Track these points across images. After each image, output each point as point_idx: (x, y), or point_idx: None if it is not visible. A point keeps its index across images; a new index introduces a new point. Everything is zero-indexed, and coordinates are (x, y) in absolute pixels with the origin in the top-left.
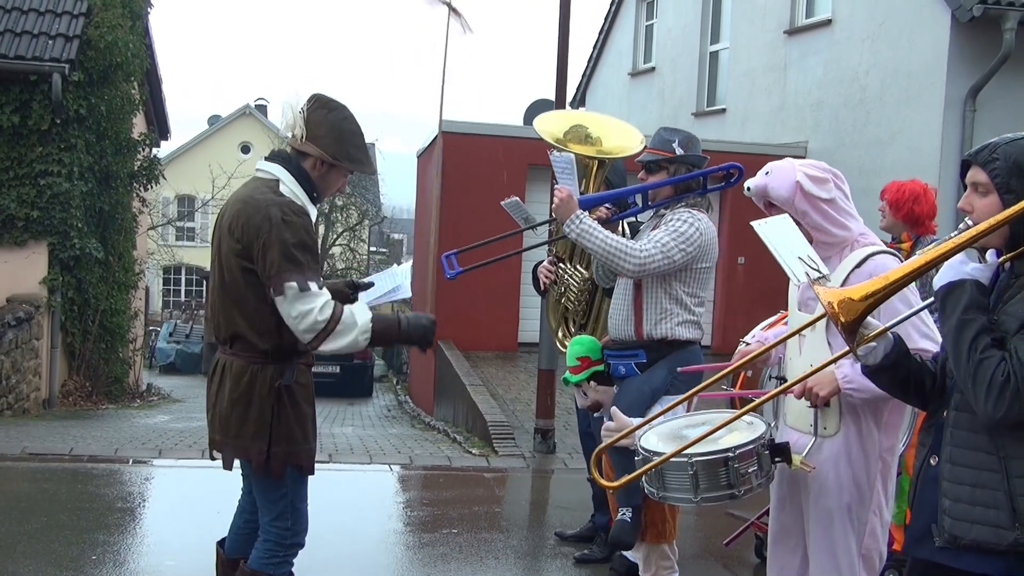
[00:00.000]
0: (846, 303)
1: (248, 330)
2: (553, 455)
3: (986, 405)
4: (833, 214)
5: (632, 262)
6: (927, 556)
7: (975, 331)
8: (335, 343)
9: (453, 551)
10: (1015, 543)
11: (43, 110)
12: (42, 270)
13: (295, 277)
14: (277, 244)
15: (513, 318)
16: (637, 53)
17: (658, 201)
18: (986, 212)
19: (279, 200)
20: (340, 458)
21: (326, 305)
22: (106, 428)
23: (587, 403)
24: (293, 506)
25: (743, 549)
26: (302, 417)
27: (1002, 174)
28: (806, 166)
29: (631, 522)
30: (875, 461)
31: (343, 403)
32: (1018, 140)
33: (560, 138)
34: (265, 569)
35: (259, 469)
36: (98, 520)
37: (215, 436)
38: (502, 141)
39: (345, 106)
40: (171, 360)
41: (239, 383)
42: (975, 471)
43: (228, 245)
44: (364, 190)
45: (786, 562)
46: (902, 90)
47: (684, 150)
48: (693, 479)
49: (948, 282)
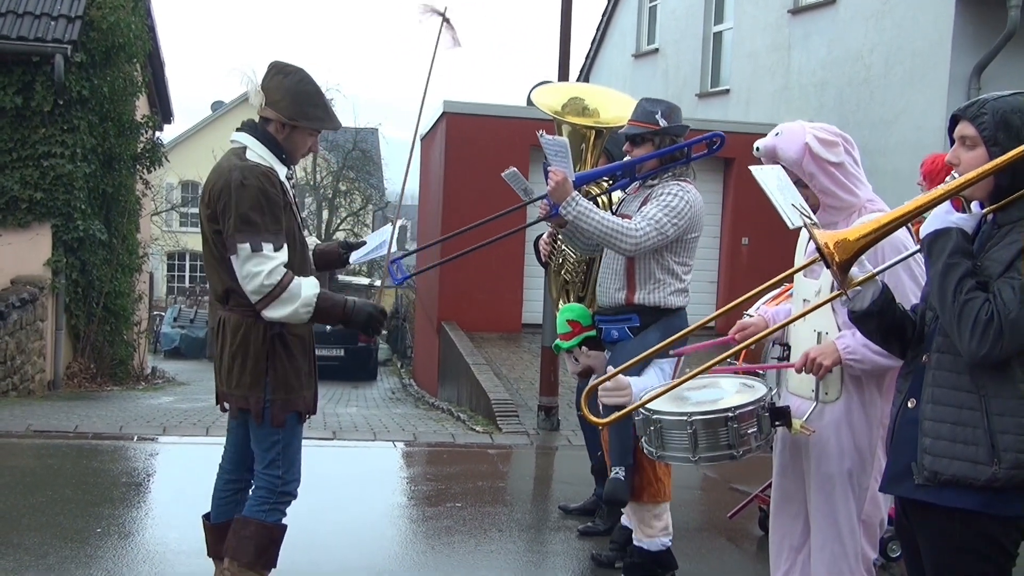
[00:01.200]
0: (842, 243)
1: (236, 287)
2: (557, 432)
3: (971, 344)
4: (841, 178)
5: (628, 242)
6: (905, 494)
7: (960, 274)
8: (277, 310)
9: (457, 524)
10: (993, 477)
11: (46, 91)
12: (46, 252)
13: (248, 238)
14: (234, 206)
15: (517, 299)
16: (641, 34)
17: (644, 172)
18: (972, 164)
19: (242, 165)
20: (344, 435)
21: (275, 270)
22: (111, 408)
23: (578, 369)
24: (286, 455)
25: (747, 522)
26: (298, 366)
27: (989, 127)
28: (816, 128)
29: (624, 480)
30: (876, 427)
31: (347, 386)
32: (1005, 96)
33: (559, 110)
34: (256, 516)
35: (257, 417)
36: (103, 494)
37: (220, 388)
38: (505, 122)
39: (301, 69)
40: (176, 345)
41: (236, 336)
42: (956, 410)
43: (204, 212)
44: (368, 175)
45: (788, 529)
46: (906, 69)
47: (667, 121)
48: (692, 438)
49: (934, 230)
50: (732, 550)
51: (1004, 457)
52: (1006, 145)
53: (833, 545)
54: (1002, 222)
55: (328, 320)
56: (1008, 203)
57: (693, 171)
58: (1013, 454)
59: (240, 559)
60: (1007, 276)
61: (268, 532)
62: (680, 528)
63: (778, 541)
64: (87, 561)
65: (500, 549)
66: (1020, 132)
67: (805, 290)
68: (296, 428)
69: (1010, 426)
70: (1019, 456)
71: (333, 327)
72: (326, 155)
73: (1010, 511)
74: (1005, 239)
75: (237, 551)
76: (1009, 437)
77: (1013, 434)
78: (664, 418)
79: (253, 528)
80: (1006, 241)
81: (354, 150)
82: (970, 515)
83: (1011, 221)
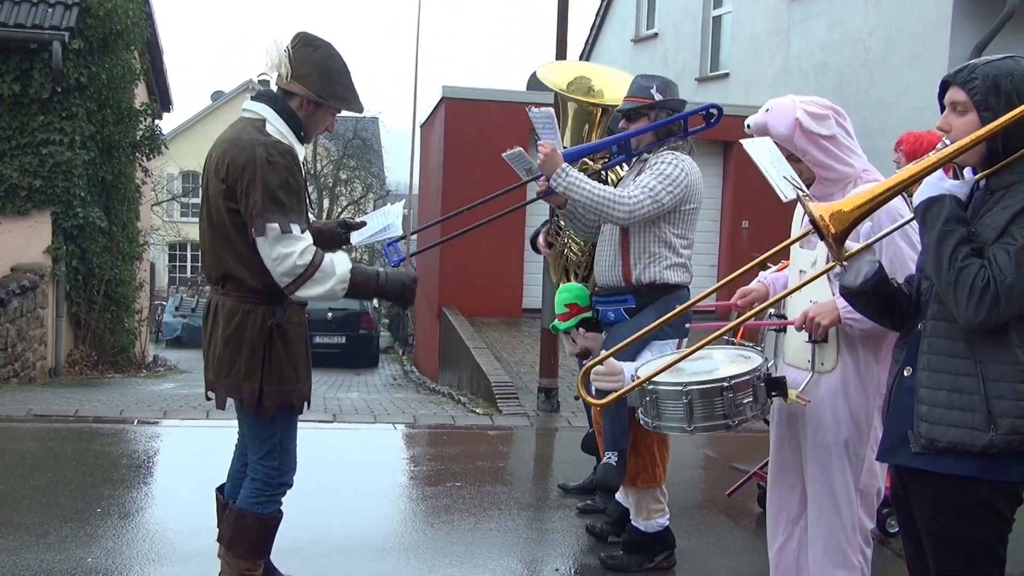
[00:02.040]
0: (837, 214)
1: (238, 270)
2: (557, 414)
3: (967, 310)
4: (835, 151)
5: (621, 210)
6: (902, 463)
7: (955, 241)
8: (312, 289)
9: (456, 503)
10: (989, 443)
11: (44, 79)
12: (46, 239)
13: (277, 218)
14: (260, 185)
15: (517, 284)
16: (640, 19)
17: (641, 148)
18: (964, 130)
19: (265, 140)
20: (344, 418)
21: (307, 250)
22: (112, 394)
23: (576, 350)
24: (282, 446)
25: (746, 499)
26: (294, 357)
27: (980, 92)
28: (806, 103)
29: (616, 465)
30: (873, 397)
31: (349, 373)
32: (995, 61)
33: (564, 88)
34: (252, 509)
35: (251, 408)
36: (103, 476)
37: (208, 376)
38: (504, 106)
39: (330, 44)
40: (178, 334)
41: (231, 322)
42: (952, 376)
43: (215, 186)
44: (368, 163)
45: (785, 501)
46: (906, 50)
47: (663, 95)
48: (688, 408)
49: (928, 197)
50: (731, 526)
51: (1000, 423)
52: (997, 110)
53: (830, 516)
54: (995, 187)
55: (362, 294)
56: (1000, 168)
57: (691, 145)
58: (1009, 420)
59: (235, 551)
60: (1002, 241)
61: (263, 524)
62: (680, 506)
63: (775, 513)
64: (87, 540)
65: (499, 527)
66: (1011, 96)
67: (802, 261)
68: (291, 419)
69: (1006, 392)
70: (1015, 422)
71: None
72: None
73: (1007, 477)
74: (999, 204)
75: (232, 543)
76: (1005, 403)
77: (1009, 400)
78: (660, 388)
79: (248, 521)
80: (1000, 206)
81: (354, 139)
82: (967, 482)
83: (1004, 186)
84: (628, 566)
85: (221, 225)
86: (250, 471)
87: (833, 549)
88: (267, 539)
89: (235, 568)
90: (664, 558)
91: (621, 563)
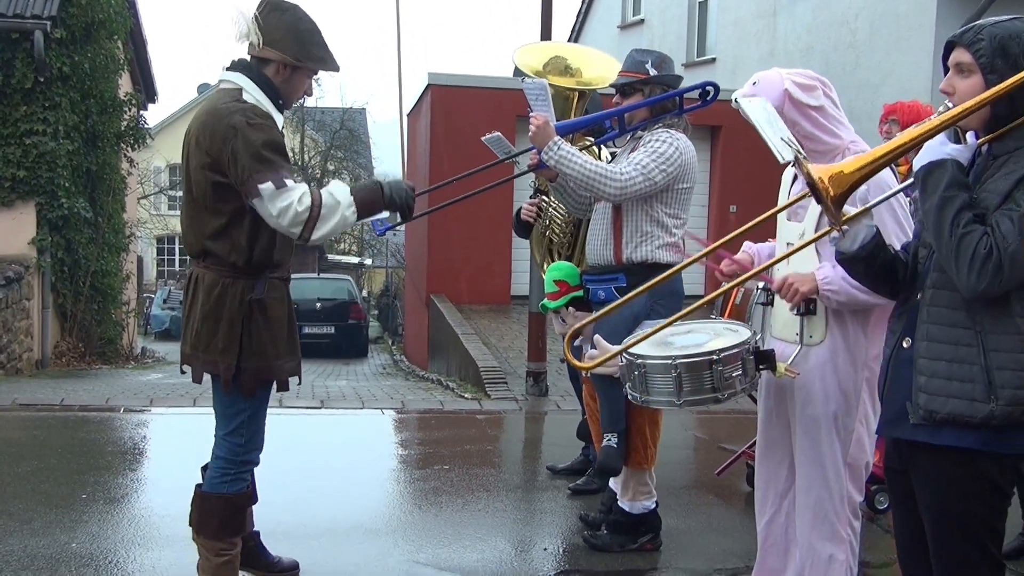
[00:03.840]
0: (837, 176)
1: (219, 244)
2: (546, 398)
3: (969, 278)
4: (823, 121)
5: (613, 186)
6: (903, 435)
7: (957, 207)
8: (325, 227)
9: (445, 485)
10: (990, 415)
11: (26, 68)
12: (31, 230)
13: (269, 176)
14: (245, 148)
15: (505, 271)
16: (626, 5)
17: (635, 124)
18: (968, 93)
19: (242, 107)
20: (332, 404)
21: (304, 195)
22: (99, 384)
23: (565, 329)
24: (251, 422)
25: (735, 479)
26: (275, 332)
27: (987, 54)
28: (793, 74)
29: (617, 448)
30: (861, 369)
31: (338, 363)
32: (1002, 22)
33: (540, 70)
34: (217, 490)
35: (227, 384)
36: (89, 463)
37: (186, 350)
38: (490, 92)
39: (298, 5)
40: (166, 326)
41: (210, 296)
42: (952, 347)
43: (197, 159)
44: (356, 154)
45: (773, 475)
46: (892, 32)
47: (658, 71)
48: (677, 381)
49: (929, 162)
50: (720, 505)
51: (1001, 394)
52: (1004, 72)
53: (819, 488)
54: (998, 152)
55: (373, 209)
56: (1004, 133)
57: (686, 122)
58: (1010, 391)
59: (205, 533)
60: (1005, 208)
61: (230, 503)
62: (669, 486)
63: (763, 487)
64: (72, 525)
65: (488, 508)
66: (1018, 59)
67: (789, 233)
68: (265, 396)
69: (1007, 362)
70: (1016, 392)
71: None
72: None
73: (1007, 449)
74: (1002, 170)
75: (201, 525)
76: (1007, 373)
77: (1011, 370)
78: (649, 362)
79: (214, 502)
80: (1003, 172)
81: (341, 129)
82: (967, 455)
83: (1007, 151)
84: (610, 546)
85: (201, 197)
86: (215, 448)
87: (821, 521)
88: (237, 517)
89: (209, 550)
90: (648, 540)
91: (604, 543)
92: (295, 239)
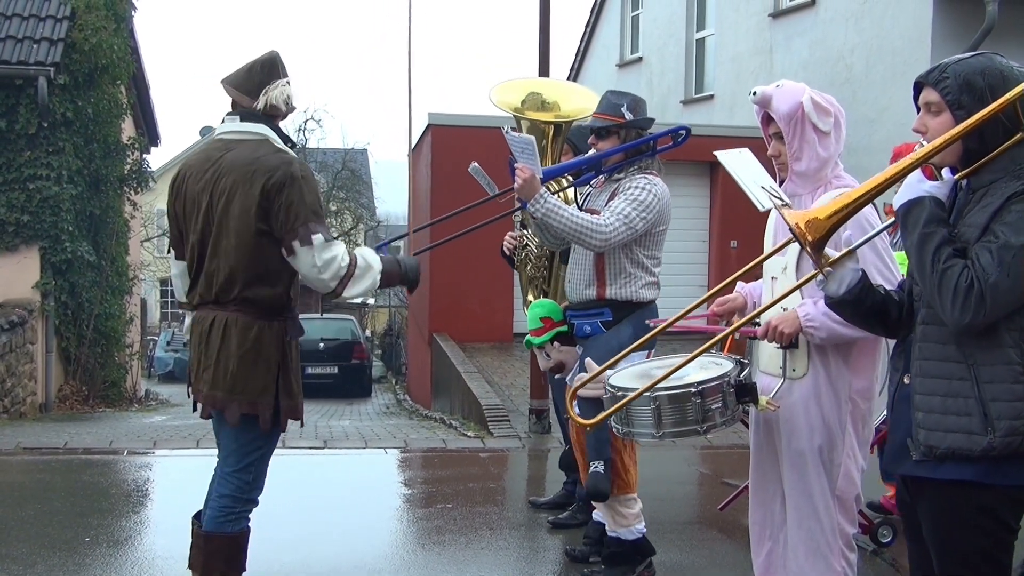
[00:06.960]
0: (813, 222)
1: (259, 289)
2: (548, 435)
3: (953, 312)
4: (818, 148)
5: (598, 238)
6: (905, 471)
7: (937, 243)
8: (357, 286)
9: (447, 523)
10: (988, 447)
11: (30, 114)
12: (34, 275)
13: (320, 229)
14: (303, 198)
15: (507, 309)
16: (624, 44)
17: (610, 166)
18: (939, 130)
19: (291, 158)
20: (335, 444)
21: (345, 253)
22: (102, 427)
23: (550, 364)
24: (262, 462)
25: (738, 514)
26: (297, 371)
27: (953, 91)
28: (816, 93)
29: (604, 473)
30: (845, 402)
31: (341, 403)
32: (966, 59)
33: (518, 107)
34: (222, 529)
35: (266, 424)
36: (92, 506)
37: (216, 393)
38: (490, 132)
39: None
40: (170, 368)
41: (246, 337)
42: (946, 381)
43: (243, 205)
44: (358, 194)
45: (767, 510)
46: (888, 67)
47: (633, 114)
48: (656, 414)
49: (907, 200)
50: (723, 540)
51: (998, 425)
52: (971, 108)
53: (810, 521)
54: (976, 186)
55: (391, 280)
56: (979, 167)
57: (659, 164)
58: (1007, 421)
59: (211, 574)
60: (984, 240)
61: (234, 543)
62: (672, 521)
63: (759, 522)
64: (75, 569)
65: (490, 546)
66: (984, 94)
67: (772, 267)
68: (278, 436)
69: (1001, 393)
70: (1013, 423)
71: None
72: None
73: (1009, 481)
74: (980, 203)
75: (207, 567)
76: (1001, 404)
77: (1005, 401)
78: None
79: (219, 542)
80: (980, 205)
81: (343, 170)
82: (969, 488)
83: (984, 185)
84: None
85: (248, 244)
86: (218, 487)
87: (815, 555)
88: (240, 555)
89: None
90: (645, 567)
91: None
92: (326, 291)
